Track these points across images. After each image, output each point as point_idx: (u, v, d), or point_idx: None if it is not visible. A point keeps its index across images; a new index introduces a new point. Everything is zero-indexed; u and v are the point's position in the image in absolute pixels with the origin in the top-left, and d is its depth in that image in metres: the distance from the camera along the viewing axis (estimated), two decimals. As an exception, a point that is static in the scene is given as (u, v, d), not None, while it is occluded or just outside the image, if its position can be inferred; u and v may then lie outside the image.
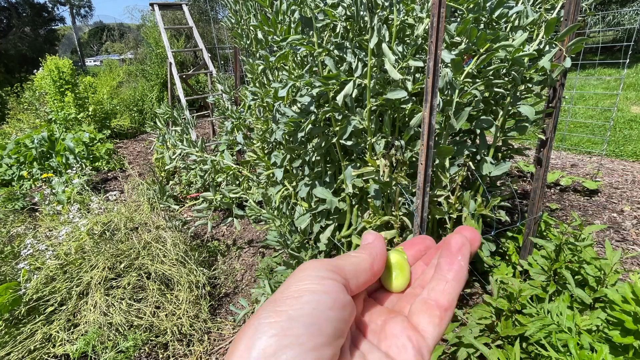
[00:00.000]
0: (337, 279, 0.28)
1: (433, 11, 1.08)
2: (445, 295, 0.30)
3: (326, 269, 0.28)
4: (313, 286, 0.26)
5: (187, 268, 2.04)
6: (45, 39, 18.10)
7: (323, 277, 0.27)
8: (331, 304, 0.25)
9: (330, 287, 0.26)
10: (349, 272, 0.29)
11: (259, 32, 1.84)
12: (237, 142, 2.27)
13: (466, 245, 0.31)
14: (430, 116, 1.18)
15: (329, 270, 0.28)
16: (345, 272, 0.29)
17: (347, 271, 0.29)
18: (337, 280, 0.27)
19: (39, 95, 6.30)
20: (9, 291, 1.70)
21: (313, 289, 0.26)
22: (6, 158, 4.16)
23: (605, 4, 10.47)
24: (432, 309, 0.29)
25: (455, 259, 0.31)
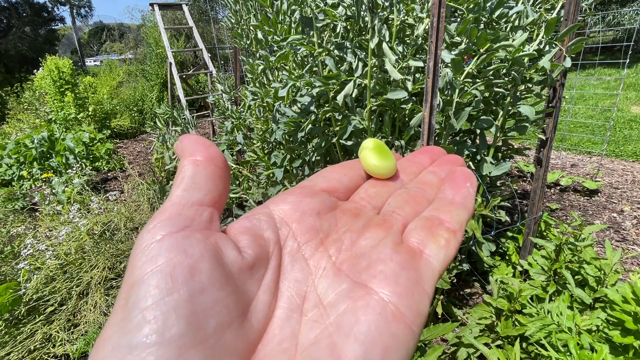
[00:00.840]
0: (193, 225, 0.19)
1: (433, 11, 1.08)
2: (453, 217, 0.23)
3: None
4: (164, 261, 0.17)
5: (187, 268, 2.04)
6: (45, 39, 18.10)
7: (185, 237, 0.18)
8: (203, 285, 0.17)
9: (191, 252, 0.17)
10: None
11: (259, 32, 1.84)
12: (237, 142, 2.27)
13: (473, 176, 0.26)
14: (430, 116, 1.18)
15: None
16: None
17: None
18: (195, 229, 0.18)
19: (39, 95, 6.30)
20: (9, 291, 1.70)
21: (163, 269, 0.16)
22: (6, 158, 4.16)
23: (605, 4, 10.47)
24: (437, 226, 0.23)
25: (464, 185, 0.25)
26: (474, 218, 1.52)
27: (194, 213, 0.19)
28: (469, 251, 1.86)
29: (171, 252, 0.17)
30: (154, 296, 0.15)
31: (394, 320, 0.18)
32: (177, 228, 0.18)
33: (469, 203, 0.24)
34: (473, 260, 1.90)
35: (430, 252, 0.22)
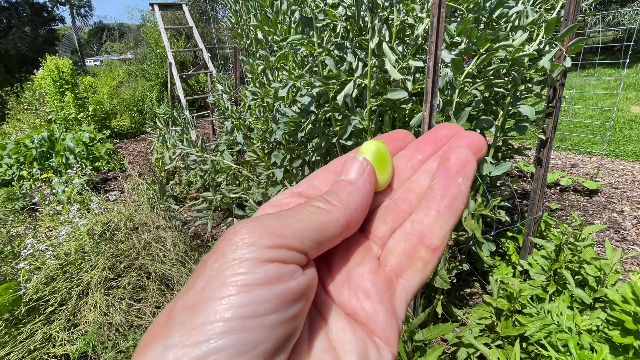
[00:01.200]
0: (290, 257, 0.19)
1: (433, 11, 1.08)
2: (436, 230, 0.23)
3: (272, 240, 0.19)
4: (246, 278, 0.17)
5: (187, 268, 2.04)
6: (45, 39, 18.10)
7: (265, 259, 0.18)
8: (276, 304, 0.17)
9: (275, 274, 0.18)
10: (309, 241, 0.20)
11: (259, 32, 1.84)
12: (237, 142, 2.27)
13: (471, 162, 0.23)
14: (430, 116, 1.18)
15: (277, 245, 0.19)
16: (305, 240, 0.20)
17: (307, 240, 0.20)
18: (288, 261, 0.19)
19: (39, 95, 6.30)
20: (9, 291, 1.70)
21: (246, 283, 0.17)
22: (6, 158, 4.16)
23: (605, 4, 10.47)
24: (416, 248, 0.23)
25: (455, 182, 0.23)
26: (474, 218, 1.52)
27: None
28: (469, 251, 1.86)
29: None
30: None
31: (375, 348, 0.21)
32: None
33: (458, 205, 0.23)
34: (473, 260, 1.90)
35: (406, 277, 0.23)
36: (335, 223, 0.22)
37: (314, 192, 0.26)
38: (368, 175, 0.24)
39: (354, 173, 0.24)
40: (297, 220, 0.20)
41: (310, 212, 0.21)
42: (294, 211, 0.21)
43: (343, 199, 0.23)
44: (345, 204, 0.22)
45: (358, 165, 0.24)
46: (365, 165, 0.25)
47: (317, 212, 0.21)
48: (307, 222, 0.21)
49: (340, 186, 0.24)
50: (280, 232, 0.19)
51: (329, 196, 0.23)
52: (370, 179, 0.24)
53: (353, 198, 0.23)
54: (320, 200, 0.22)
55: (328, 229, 0.21)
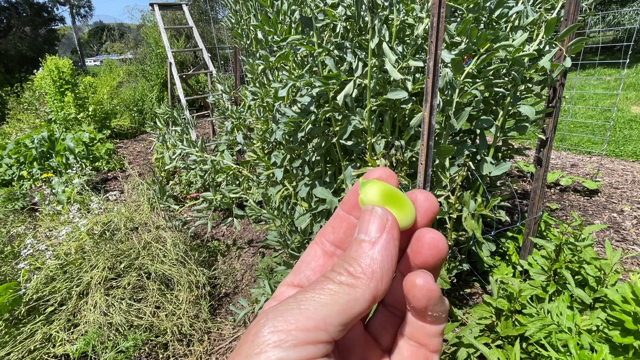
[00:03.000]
0: (316, 352, 0.19)
1: (433, 11, 1.08)
2: (433, 341, 0.24)
3: (298, 338, 0.18)
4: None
5: (187, 268, 2.04)
6: (45, 39, 18.10)
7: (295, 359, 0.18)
8: None
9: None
10: (336, 326, 0.19)
11: (259, 32, 1.84)
12: (237, 142, 2.26)
13: (433, 296, 0.22)
14: (430, 116, 1.18)
15: (303, 343, 0.18)
16: (330, 328, 0.19)
17: (333, 327, 0.19)
18: (317, 356, 0.19)
19: (39, 95, 6.30)
20: (9, 291, 1.70)
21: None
22: (6, 158, 4.16)
23: (605, 4, 10.46)
24: (417, 353, 0.24)
25: (426, 316, 0.23)
26: (474, 218, 1.52)
27: None
28: (469, 251, 1.86)
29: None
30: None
31: None
32: None
33: (444, 320, 0.23)
34: (473, 260, 1.90)
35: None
36: (362, 300, 0.20)
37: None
38: (391, 232, 0.21)
39: (375, 230, 0.22)
40: (320, 306, 0.19)
41: (333, 292, 0.20)
42: (315, 292, 0.20)
43: (367, 268, 0.21)
44: (369, 274, 0.20)
45: (378, 221, 0.22)
46: (386, 219, 0.22)
47: (341, 290, 0.20)
48: (330, 306, 0.19)
49: (362, 251, 0.21)
50: (305, 326, 0.18)
51: (351, 265, 0.21)
52: (394, 236, 0.21)
53: (378, 264, 0.21)
54: (342, 273, 0.21)
55: (354, 308, 0.20)
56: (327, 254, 0.27)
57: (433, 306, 0.22)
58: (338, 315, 0.19)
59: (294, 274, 0.27)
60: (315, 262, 0.27)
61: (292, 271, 0.28)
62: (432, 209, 0.25)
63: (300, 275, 0.27)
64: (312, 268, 0.27)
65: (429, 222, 0.25)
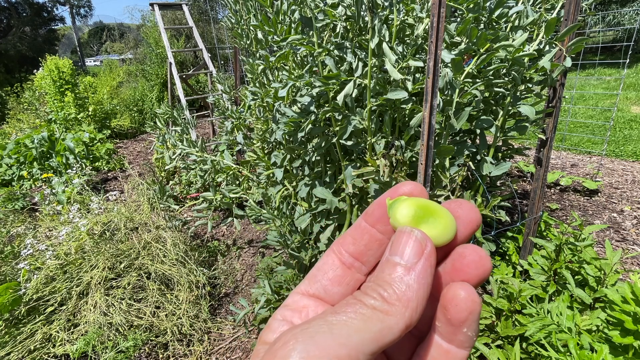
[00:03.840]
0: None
1: (433, 11, 1.08)
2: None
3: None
4: None
5: (187, 268, 2.04)
6: (45, 39, 18.09)
7: None
8: None
9: None
10: (367, 355, 0.18)
11: (259, 32, 1.84)
12: (237, 142, 2.27)
13: (475, 310, 0.21)
14: (430, 116, 1.18)
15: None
16: (362, 357, 0.18)
17: (364, 353, 0.18)
18: None
19: (39, 95, 6.30)
20: (9, 291, 1.70)
21: None
22: (6, 158, 4.16)
23: (605, 4, 10.46)
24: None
25: (460, 331, 0.21)
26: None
27: None
28: (469, 251, 1.85)
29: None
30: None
31: None
32: None
33: (470, 344, 0.22)
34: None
35: None
36: (395, 329, 0.19)
37: (328, 297, 0.25)
38: (429, 259, 0.20)
39: (412, 255, 0.20)
40: (353, 332, 0.18)
41: (367, 317, 0.19)
42: (347, 315, 0.19)
43: (402, 296, 0.20)
44: (405, 302, 0.19)
45: (416, 245, 0.20)
46: (425, 244, 0.20)
47: (374, 316, 0.19)
48: (363, 332, 0.18)
49: (397, 276, 0.20)
50: (338, 354, 0.17)
51: (385, 290, 0.20)
52: (432, 263, 0.20)
53: (414, 292, 0.20)
54: (375, 297, 0.20)
55: (386, 337, 0.19)
56: (345, 265, 0.26)
57: (472, 322, 0.21)
58: (370, 344, 0.18)
59: (309, 281, 0.26)
60: (333, 272, 0.26)
61: (307, 278, 0.26)
62: (475, 220, 0.24)
63: (316, 285, 0.26)
64: (329, 278, 0.26)
65: (470, 235, 0.24)
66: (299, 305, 0.25)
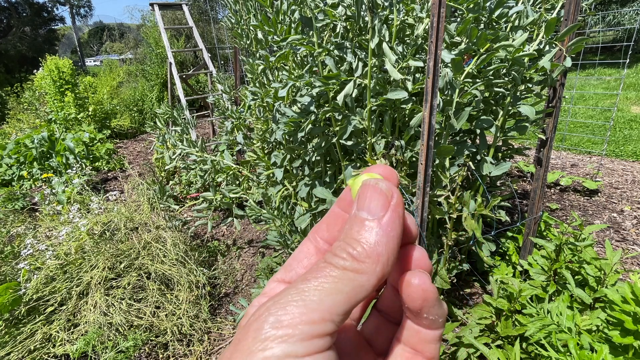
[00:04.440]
0: (323, 345, 0.18)
1: (433, 11, 1.08)
2: (429, 349, 0.23)
3: (304, 332, 0.17)
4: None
5: (187, 268, 2.04)
6: (45, 38, 18.09)
7: (304, 353, 0.17)
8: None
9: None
10: (340, 315, 0.18)
11: (259, 32, 1.84)
12: (237, 142, 2.27)
13: (429, 297, 0.21)
14: (430, 116, 1.18)
15: (310, 337, 0.17)
16: (336, 318, 0.18)
17: (338, 316, 0.18)
18: (322, 349, 0.18)
19: (39, 95, 6.30)
20: (9, 291, 1.70)
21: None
22: (6, 158, 4.16)
23: (605, 4, 10.46)
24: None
25: (422, 318, 0.22)
26: (474, 218, 1.52)
27: None
28: (469, 251, 1.86)
29: None
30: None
31: None
32: None
33: (441, 325, 0.22)
34: (473, 260, 1.90)
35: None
36: (367, 286, 0.19)
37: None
38: (397, 209, 0.20)
39: (378, 208, 0.20)
40: (325, 295, 0.18)
41: (337, 279, 0.19)
42: (318, 280, 0.19)
43: (371, 251, 0.19)
44: (375, 257, 0.19)
45: (382, 197, 0.20)
46: (391, 194, 0.20)
47: (344, 277, 0.19)
48: (335, 294, 0.18)
49: (365, 231, 0.20)
50: (311, 319, 0.17)
51: (354, 248, 0.19)
52: (400, 214, 0.20)
53: (383, 246, 0.19)
54: (345, 257, 0.19)
55: (359, 295, 0.19)
56: (320, 252, 0.26)
57: (429, 308, 0.21)
58: (343, 304, 0.18)
59: (284, 270, 0.26)
60: (308, 259, 0.26)
61: (283, 267, 0.26)
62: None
63: (291, 273, 0.26)
64: (304, 266, 0.26)
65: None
66: (275, 291, 0.25)
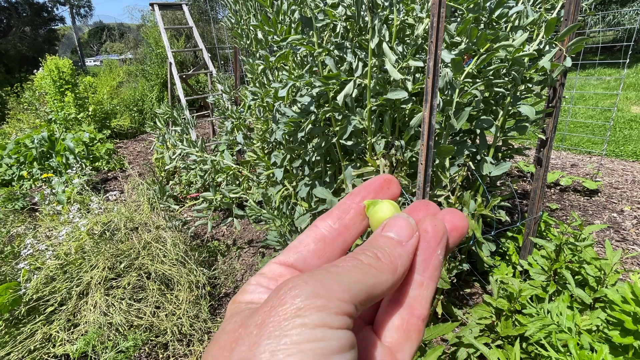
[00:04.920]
0: (348, 324, 0.18)
1: (433, 11, 1.08)
2: (422, 302, 0.23)
3: (341, 307, 0.18)
4: (321, 345, 0.17)
5: (187, 268, 2.04)
6: (45, 38, 18.10)
7: (339, 325, 0.18)
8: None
9: (346, 336, 0.18)
10: (360, 301, 0.20)
11: (259, 32, 1.84)
12: (237, 142, 2.27)
13: (446, 234, 0.24)
14: (430, 116, 1.18)
15: (344, 313, 0.18)
16: (358, 305, 0.19)
17: (359, 302, 0.19)
18: (349, 327, 0.18)
19: (39, 95, 6.30)
20: (9, 291, 1.70)
21: (322, 350, 0.17)
22: (6, 158, 4.16)
23: (605, 4, 10.46)
24: (409, 322, 0.23)
25: (434, 254, 0.23)
26: (474, 218, 1.52)
27: None
28: (469, 251, 1.86)
29: None
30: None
31: None
32: None
33: (438, 274, 0.24)
34: (473, 260, 1.90)
35: (404, 351, 0.23)
36: (384, 286, 0.21)
37: (306, 268, 0.25)
38: (416, 242, 0.23)
39: (404, 234, 0.23)
40: (352, 281, 0.20)
41: (364, 272, 0.21)
42: (347, 268, 0.21)
43: (392, 259, 0.22)
44: (394, 266, 0.22)
45: (409, 228, 0.23)
46: (415, 229, 0.24)
47: (369, 271, 0.21)
48: (360, 283, 0.20)
49: (391, 244, 0.23)
50: (343, 297, 0.19)
51: (379, 252, 0.22)
52: (416, 247, 0.23)
53: (402, 262, 0.22)
54: (371, 256, 0.22)
55: (376, 291, 0.21)
56: (327, 240, 0.26)
57: (444, 243, 0.24)
58: (364, 295, 0.20)
59: (287, 252, 0.26)
60: (315, 244, 0.26)
61: (284, 251, 0.26)
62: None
63: (296, 255, 0.26)
64: (311, 249, 0.26)
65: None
66: (275, 273, 0.25)
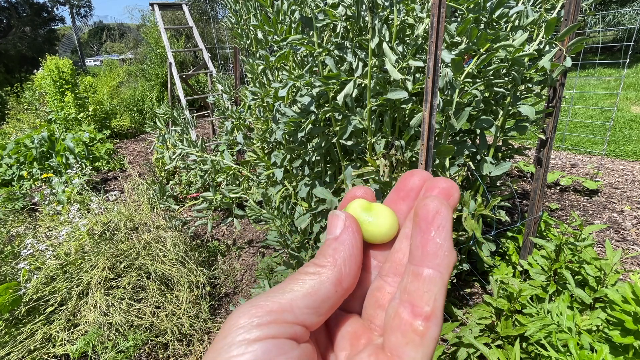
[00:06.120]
0: (281, 332, 0.20)
1: (433, 11, 1.08)
2: (424, 296, 0.20)
3: (262, 319, 0.20)
4: (242, 354, 0.19)
5: (187, 268, 2.04)
6: (45, 38, 18.09)
7: (254, 339, 0.19)
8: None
9: (263, 351, 0.19)
10: (302, 309, 0.21)
11: (259, 32, 1.84)
12: (237, 142, 2.26)
13: (441, 211, 0.21)
14: (430, 116, 1.18)
15: (266, 322, 0.20)
16: (297, 310, 0.21)
17: (299, 309, 0.21)
18: (279, 336, 0.20)
19: (39, 95, 6.30)
20: (9, 291, 1.70)
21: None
22: (6, 158, 4.16)
23: (605, 4, 10.46)
24: (408, 322, 0.20)
25: (428, 237, 0.21)
26: (474, 218, 1.52)
27: None
28: (469, 251, 1.86)
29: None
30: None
31: None
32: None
33: (440, 261, 0.20)
34: (473, 260, 1.90)
35: (408, 355, 0.20)
36: (327, 283, 0.22)
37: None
38: (351, 228, 0.25)
39: (338, 229, 0.25)
40: (286, 292, 0.22)
41: (301, 280, 0.23)
42: (285, 283, 0.23)
43: (330, 257, 0.24)
44: (332, 261, 0.23)
45: (340, 221, 0.25)
46: (345, 220, 0.25)
47: (308, 278, 0.23)
48: (295, 291, 0.22)
49: (326, 245, 0.25)
50: (270, 308, 0.21)
51: (317, 259, 0.24)
52: (353, 232, 0.24)
53: (340, 254, 0.24)
54: (310, 266, 0.24)
55: (320, 291, 0.22)
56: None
57: (439, 226, 0.21)
58: (304, 299, 0.22)
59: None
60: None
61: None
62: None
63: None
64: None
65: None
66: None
